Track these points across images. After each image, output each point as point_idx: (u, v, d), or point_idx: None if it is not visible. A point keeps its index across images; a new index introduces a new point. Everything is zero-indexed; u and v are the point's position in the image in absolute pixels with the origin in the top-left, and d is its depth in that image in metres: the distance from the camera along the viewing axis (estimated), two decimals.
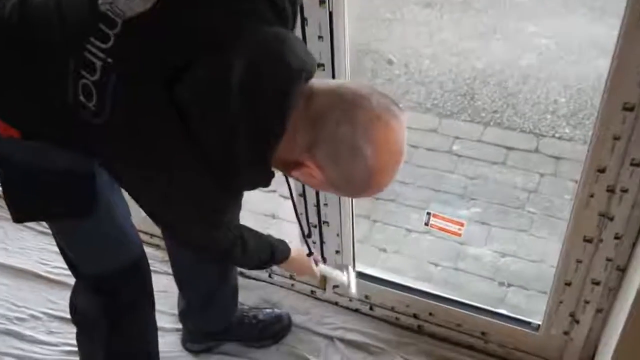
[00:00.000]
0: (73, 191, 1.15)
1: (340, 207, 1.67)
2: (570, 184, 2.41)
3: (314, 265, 1.55)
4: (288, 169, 0.96)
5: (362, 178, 0.93)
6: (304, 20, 1.35)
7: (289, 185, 1.30)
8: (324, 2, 1.32)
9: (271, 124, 0.90)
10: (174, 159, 0.95)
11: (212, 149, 0.92)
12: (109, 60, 0.93)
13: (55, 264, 2.05)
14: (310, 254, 1.51)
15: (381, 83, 3.13)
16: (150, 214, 1.07)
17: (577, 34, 3.33)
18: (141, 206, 1.05)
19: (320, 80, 0.95)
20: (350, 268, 1.77)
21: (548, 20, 3.44)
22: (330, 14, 1.33)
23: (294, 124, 0.91)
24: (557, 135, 2.72)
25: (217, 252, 1.24)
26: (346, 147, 0.90)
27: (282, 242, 1.39)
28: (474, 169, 2.55)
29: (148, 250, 1.42)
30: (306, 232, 1.53)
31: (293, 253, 1.42)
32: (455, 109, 2.93)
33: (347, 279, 1.72)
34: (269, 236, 1.35)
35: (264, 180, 1.00)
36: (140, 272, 1.39)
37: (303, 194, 1.65)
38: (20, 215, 1.18)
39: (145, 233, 2.01)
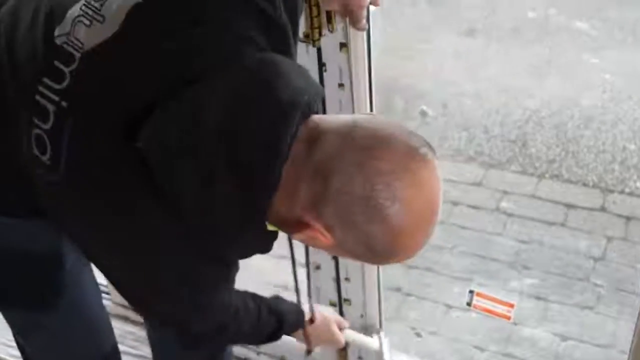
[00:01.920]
0: (33, 279, 1.15)
1: (364, 281, 1.69)
2: None
3: (336, 329, 1.50)
4: (288, 229, 0.91)
5: (384, 243, 0.87)
6: (322, 67, 1.40)
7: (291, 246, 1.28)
8: (345, 45, 1.37)
9: (259, 175, 0.85)
10: (141, 224, 0.93)
11: (188, 210, 0.89)
12: (63, 103, 0.91)
13: None
14: (312, 320, 1.46)
15: (414, 127, 3.13)
16: (122, 291, 1.06)
17: None
18: (112, 283, 1.06)
19: (328, 117, 0.92)
20: (382, 333, 1.73)
21: (613, 52, 3.44)
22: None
23: (293, 173, 0.86)
24: (627, 190, 2.70)
25: (205, 332, 1.17)
26: (362, 206, 0.84)
27: (294, 306, 1.37)
28: (527, 231, 2.53)
29: (117, 324, 1.40)
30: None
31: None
32: (504, 157, 2.92)
33: (379, 345, 1.68)
34: (277, 299, 1.33)
35: (261, 245, 0.97)
36: None
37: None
38: None
39: (117, 304, 2.02)
